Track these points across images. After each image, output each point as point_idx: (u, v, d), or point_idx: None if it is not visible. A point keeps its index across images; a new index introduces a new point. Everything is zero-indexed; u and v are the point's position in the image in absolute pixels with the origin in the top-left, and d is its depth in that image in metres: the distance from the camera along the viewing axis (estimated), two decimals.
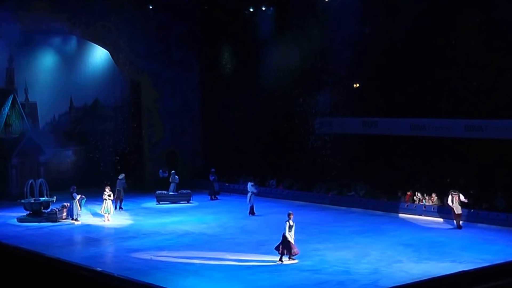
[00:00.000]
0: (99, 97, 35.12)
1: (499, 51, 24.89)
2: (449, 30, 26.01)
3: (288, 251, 18.50)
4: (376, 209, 26.15)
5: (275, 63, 31.76)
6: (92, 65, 34.68)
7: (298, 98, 32.31)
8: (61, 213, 25.68)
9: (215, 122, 34.73)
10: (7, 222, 25.72)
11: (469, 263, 17.38)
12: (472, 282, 5.25)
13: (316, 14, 29.69)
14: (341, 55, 28.72)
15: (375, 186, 27.36)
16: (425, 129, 26.80)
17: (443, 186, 25.17)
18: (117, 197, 27.81)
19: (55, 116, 34.32)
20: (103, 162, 34.22)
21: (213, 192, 30.35)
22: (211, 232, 23.18)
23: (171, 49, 34.38)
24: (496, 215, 23.02)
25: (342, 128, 29.81)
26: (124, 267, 17.87)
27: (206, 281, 16.90)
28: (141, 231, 23.58)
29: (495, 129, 24.62)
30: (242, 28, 33.19)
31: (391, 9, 27.31)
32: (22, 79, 32.30)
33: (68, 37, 33.70)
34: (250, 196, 26.31)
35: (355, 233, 22.21)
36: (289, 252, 18.50)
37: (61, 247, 21.04)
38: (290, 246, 18.48)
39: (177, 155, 34.41)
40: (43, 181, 27.44)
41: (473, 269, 5.60)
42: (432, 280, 5.39)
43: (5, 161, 30.98)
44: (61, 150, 33.20)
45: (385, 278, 16.65)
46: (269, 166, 31.60)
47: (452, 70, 26.07)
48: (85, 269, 5.74)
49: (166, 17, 33.92)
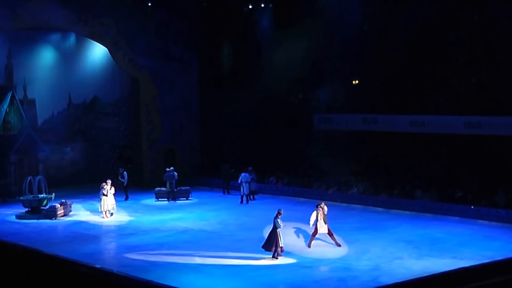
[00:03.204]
0: (98, 94, 35.08)
1: (498, 48, 24.87)
2: (448, 27, 25.99)
3: (275, 249, 18.39)
4: (376, 206, 26.12)
5: (274, 60, 31.72)
6: (90, 62, 34.62)
7: (297, 95, 32.34)
8: (59, 210, 25.65)
9: (214, 119, 34.69)
10: (5, 219, 25.69)
11: (470, 260, 17.39)
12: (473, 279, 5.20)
13: (315, 11, 29.65)
14: (341, 51, 28.71)
15: (375, 182, 27.34)
16: (424, 125, 26.77)
17: (442, 182, 25.17)
18: (170, 190, 28.77)
19: (53, 113, 34.25)
20: (102, 159, 34.27)
21: (250, 191, 28.96)
22: (210, 229, 23.15)
23: (170, 46, 34.32)
24: (496, 212, 23.02)
25: (341, 124, 29.79)
26: (123, 264, 17.86)
27: (206, 278, 16.89)
28: (140, 228, 23.55)
29: (495, 125, 24.60)
30: (241, 25, 33.14)
31: (390, 5, 27.29)
32: (21, 76, 32.24)
33: (66, 34, 33.65)
34: (242, 185, 27.26)
35: (355, 230, 22.19)
36: (275, 250, 18.40)
37: (60, 244, 20.99)
38: (277, 244, 18.39)
39: (176, 152, 34.38)
40: (41, 178, 27.41)
41: (473, 265, 5.55)
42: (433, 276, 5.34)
43: (4, 158, 30.93)
44: (59, 147, 33.13)
45: (386, 274, 16.64)
46: (268, 163, 31.58)
47: (451, 67, 26.07)
48: (84, 266, 5.70)
49: (165, 14, 33.84)
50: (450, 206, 24.21)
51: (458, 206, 24.04)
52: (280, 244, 18.42)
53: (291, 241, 20.18)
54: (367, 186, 27.41)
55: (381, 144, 27.97)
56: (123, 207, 27.61)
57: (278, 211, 18.90)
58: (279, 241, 18.39)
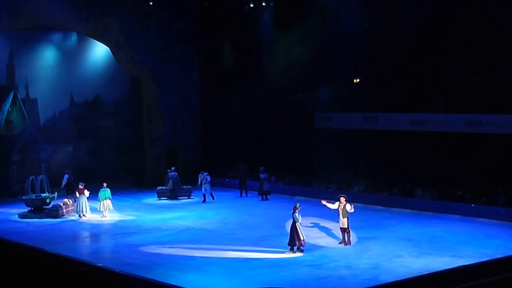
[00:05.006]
0: (99, 93, 35.12)
1: (499, 46, 24.88)
2: (450, 25, 25.99)
3: (298, 242, 18.74)
4: (377, 204, 26.15)
5: (275, 58, 31.76)
6: (92, 61, 34.65)
7: (298, 93, 32.36)
8: (62, 209, 25.72)
9: (215, 118, 34.74)
10: (8, 218, 25.77)
11: (470, 258, 17.43)
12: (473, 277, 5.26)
13: (316, 9, 29.68)
14: (342, 50, 28.72)
15: (376, 181, 27.38)
16: (425, 124, 26.81)
17: (442, 181, 25.20)
18: (171, 189, 29.13)
19: (55, 112, 34.33)
20: (103, 158, 34.32)
21: (262, 192, 28.75)
22: (211, 227, 23.21)
23: (171, 45, 34.37)
24: (496, 210, 23.04)
25: (342, 123, 29.82)
26: (125, 263, 17.92)
27: (207, 276, 16.95)
28: (142, 226, 23.61)
29: (495, 124, 24.62)
30: (242, 23, 33.17)
31: (391, 3, 27.29)
32: (23, 76, 32.31)
33: (68, 33, 33.71)
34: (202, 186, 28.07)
35: (355, 228, 22.12)
36: (298, 243, 18.74)
37: (62, 243, 21.06)
38: (299, 237, 18.71)
39: (177, 151, 34.44)
40: (44, 177, 27.48)
41: (473, 263, 5.61)
42: (433, 274, 5.40)
43: (6, 158, 31.01)
44: (61, 146, 33.22)
45: (386, 273, 16.68)
46: (269, 162, 31.62)
47: (452, 65, 26.07)
48: (86, 265, 5.76)
49: (166, 13, 33.89)
50: (450, 205, 24.25)
51: (458, 204, 24.08)
52: (302, 237, 18.75)
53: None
54: (368, 185, 27.45)
55: (381, 142, 28.00)
56: (125, 206, 27.68)
57: (294, 206, 19.24)
58: (300, 235, 18.73)
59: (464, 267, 5.36)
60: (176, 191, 29.47)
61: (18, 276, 5.95)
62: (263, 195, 28.65)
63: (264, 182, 28.67)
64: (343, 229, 19.88)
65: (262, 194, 28.66)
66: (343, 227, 19.87)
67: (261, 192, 28.71)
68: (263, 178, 28.65)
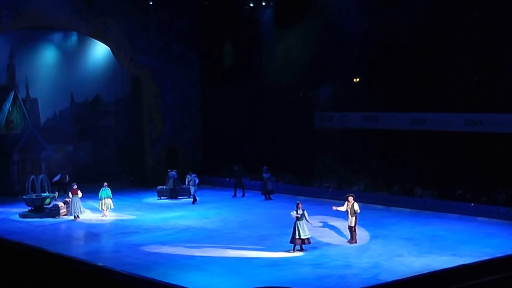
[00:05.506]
0: (99, 93, 35.11)
1: (499, 45, 24.88)
2: (449, 24, 25.99)
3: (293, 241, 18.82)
4: (377, 203, 26.17)
5: (275, 58, 31.76)
6: (92, 61, 34.66)
7: (298, 93, 32.34)
8: (62, 209, 25.73)
9: (215, 117, 34.76)
10: (9, 218, 25.80)
11: (470, 257, 17.46)
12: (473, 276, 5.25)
13: (316, 9, 29.68)
14: (342, 49, 28.73)
15: (375, 180, 27.40)
16: (425, 123, 26.82)
17: (442, 180, 25.20)
18: (172, 188, 29.27)
19: (56, 112, 34.33)
20: (104, 158, 34.34)
21: (265, 191, 28.69)
22: (212, 227, 23.23)
23: (171, 45, 34.40)
24: (496, 209, 23.06)
25: (342, 122, 29.83)
26: (125, 262, 17.94)
27: (208, 276, 16.97)
28: (142, 226, 23.64)
29: (495, 123, 24.63)
30: (242, 23, 33.18)
31: (391, 3, 27.29)
32: (23, 75, 32.32)
33: (68, 33, 33.69)
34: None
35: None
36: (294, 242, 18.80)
37: (62, 242, 21.11)
38: (293, 236, 18.79)
39: (177, 150, 34.47)
40: (44, 177, 27.50)
41: (473, 262, 5.62)
42: (433, 273, 5.40)
43: (7, 157, 31.02)
44: (62, 146, 33.24)
45: (386, 272, 16.70)
46: (269, 161, 31.62)
47: (452, 64, 26.07)
48: (86, 264, 5.77)
49: (166, 12, 33.92)
50: (450, 204, 24.28)
51: (458, 203, 24.12)
52: (296, 236, 18.75)
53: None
54: (368, 184, 27.47)
55: (381, 141, 28.01)
56: (126, 205, 27.70)
57: (297, 204, 19.29)
58: (296, 233, 18.76)
59: (464, 266, 5.36)
60: (176, 190, 29.52)
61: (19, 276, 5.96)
62: (267, 195, 28.62)
63: (268, 181, 28.65)
64: (351, 227, 19.92)
65: (266, 193, 28.62)
66: (351, 225, 19.92)
67: (265, 192, 28.67)
68: (267, 178, 28.62)
